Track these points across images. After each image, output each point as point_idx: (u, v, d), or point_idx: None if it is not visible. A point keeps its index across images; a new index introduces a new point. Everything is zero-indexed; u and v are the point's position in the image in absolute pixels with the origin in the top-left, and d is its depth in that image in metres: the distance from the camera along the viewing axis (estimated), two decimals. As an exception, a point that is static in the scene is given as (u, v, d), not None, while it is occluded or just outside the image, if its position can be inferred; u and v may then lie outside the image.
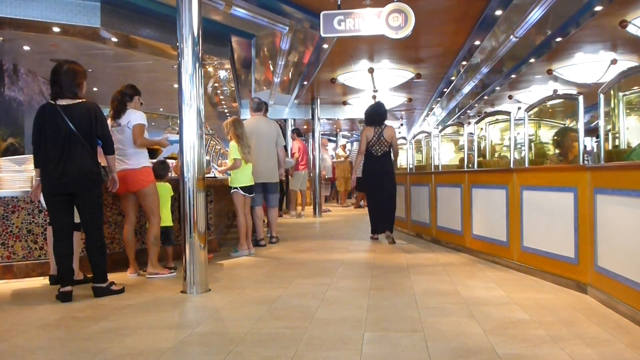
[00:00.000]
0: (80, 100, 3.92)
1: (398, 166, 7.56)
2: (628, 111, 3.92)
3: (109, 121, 4.69)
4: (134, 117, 4.63)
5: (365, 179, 6.85)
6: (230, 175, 6.13)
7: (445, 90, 12.87)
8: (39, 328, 3.17)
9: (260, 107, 6.89)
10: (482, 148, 6.12)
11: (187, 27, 3.98)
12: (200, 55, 4.04)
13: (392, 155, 6.80)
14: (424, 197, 7.03)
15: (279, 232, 7.48)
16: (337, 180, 14.75)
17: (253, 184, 6.13)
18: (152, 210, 4.70)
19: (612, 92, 3.80)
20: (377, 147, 6.64)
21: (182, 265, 4.07)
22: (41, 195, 3.99)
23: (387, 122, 6.91)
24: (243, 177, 6.01)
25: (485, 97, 13.69)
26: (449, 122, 16.32)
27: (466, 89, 12.26)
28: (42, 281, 4.57)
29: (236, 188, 6.01)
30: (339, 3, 6.17)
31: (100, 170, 4.00)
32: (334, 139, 23.53)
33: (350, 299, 3.73)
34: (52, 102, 3.88)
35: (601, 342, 2.69)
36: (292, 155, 11.16)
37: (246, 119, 6.88)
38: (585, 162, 3.95)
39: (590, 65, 10.28)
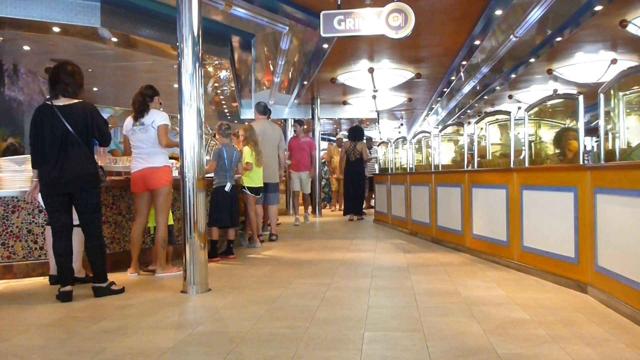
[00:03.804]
0: (77, 101, 3.92)
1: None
2: (628, 111, 3.91)
3: (129, 119, 4.73)
4: (159, 117, 4.71)
5: (344, 176, 10.48)
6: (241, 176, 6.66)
7: (445, 90, 12.87)
8: (39, 328, 3.17)
9: (266, 111, 7.56)
10: (480, 148, 6.12)
11: (187, 27, 3.98)
12: (200, 55, 4.04)
13: (363, 161, 10.15)
14: (424, 197, 7.03)
15: (278, 232, 7.51)
16: (330, 179, 13.46)
17: (261, 185, 6.67)
18: (163, 210, 4.73)
19: (612, 92, 3.79)
20: (352, 155, 10.12)
21: (182, 265, 4.07)
22: (39, 195, 4.00)
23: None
24: (252, 179, 6.52)
25: (485, 97, 13.68)
26: (449, 122, 16.32)
27: (466, 89, 12.25)
28: (42, 281, 4.57)
29: (244, 188, 6.48)
30: (339, 3, 6.17)
31: (98, 170, 4.00)
32: (334, 138, 23.50)
33: (350, 299, 3.73)
34: (49, 102, 3.88)
35: (601, 342, 2.69)
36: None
37: (247, 119, 7.04)
38: (586, 162, 3.95)
39: (590, 65, 10.27)
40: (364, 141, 10.50)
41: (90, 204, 3.92)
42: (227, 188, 5.74)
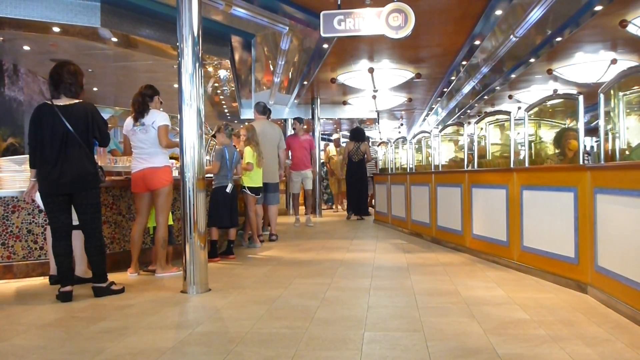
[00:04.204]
0: (77, 101, 3.92)
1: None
2: (628, 111, 3.91)
3: (129, 119, 4.73)
4: (159, 118, 4.71)
5: (346, 177, 10.65)
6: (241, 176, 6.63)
7: (445, 90, 12.87)
8: (39, 328, 3.17)
9: (266, 111, 7.53)
10: (480, 148, 6.11)
11: (187, 27, 3.98)
12: (200, 55, 4.04)
13: (365, 161, 10.40)
14: (424, 197, 7.03)
15: (278, 232, 7.51)
16: (329, 180, 13.05)
17: (261, 185, 6.68)
18: (163, 210, 4.73)
19: (612, 92, 3.79)
20: (355, 156, 10.31)
21: (182, 265, 4.07)
22: (36, 195, 3.99)
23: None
24: (252, 179, 6.52)
25: (485, 97, 13.69)
26: (449, 122, 16.32)
27: (466, 89, 12.25)
28: (42, 281, 4.57)
29: (244, 188, 6.48)
30: (339, 3, 6.17)
31: (98, 171, 4.01)
32: (332, 138, 23.50)
33: (350, 299, 3.73)
34: (49, 102, 3.88)
35: (601, 342, 2.69)
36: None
37: (247, 119, 7.04)
38: (586, 162, 3.94)
39: (590, 65, 10.27)
40: (366, 142, 10.72)
41: (90, 204, 3.92)
42: (229, 189, 5.76)
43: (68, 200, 3.89)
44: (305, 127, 10.64)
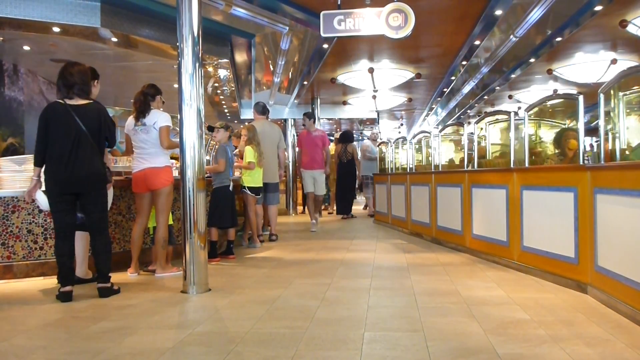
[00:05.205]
0: (89, 101, 3.93)
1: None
2: (628, 111, 3.91)
3: (131, 119, 4.74)
4: (161, 118, 4.70)
5: (337, 177, 10.86)
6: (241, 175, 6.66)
7: (445, 90, 12.88)
8: (39, 328, 3.17)
9: (265, 111, 7.55)
10: (480, 148, 6.11)
11: (187, 27, 3.99)
12: (200, 55, 4.04)
13: (355, 161, 10.68)
14: (424, 197, 7.03)
15: (278, 231, 7.51)
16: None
17: (261, 185, 6.68)
18: (164, 210, 4.72)
19: (612, 92, 3.79)
20: (344, 156, 10.65)
21: (182, 265, 4.07)
22: (36, 195, 3.97)
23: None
24: (252, 179, 6.53)
25: (485, 97, 13.69)
26: (449, 122, 16.32)
27: (466, 89, 12.25)
28: (42, 281, 4.57)
29: (244, 188, 6.50)
30: (339, 3, 6.17)
31: (106, 171, 4.02)
32: (332, 138, 23.50)
33: (350, 299, 3.73)
34: (62, 101, 3.88)
35: (601, 342, 2.69)
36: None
37: (247, 119, 7.05)
38: (586, 162, 3.94)
39: (590, 65, 10.28)
40: (354, 143, 11.24)
41: (99, 202, 3.95)
42: (232, 187, 5.83)
43: (74, 200, 3.89)
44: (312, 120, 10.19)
